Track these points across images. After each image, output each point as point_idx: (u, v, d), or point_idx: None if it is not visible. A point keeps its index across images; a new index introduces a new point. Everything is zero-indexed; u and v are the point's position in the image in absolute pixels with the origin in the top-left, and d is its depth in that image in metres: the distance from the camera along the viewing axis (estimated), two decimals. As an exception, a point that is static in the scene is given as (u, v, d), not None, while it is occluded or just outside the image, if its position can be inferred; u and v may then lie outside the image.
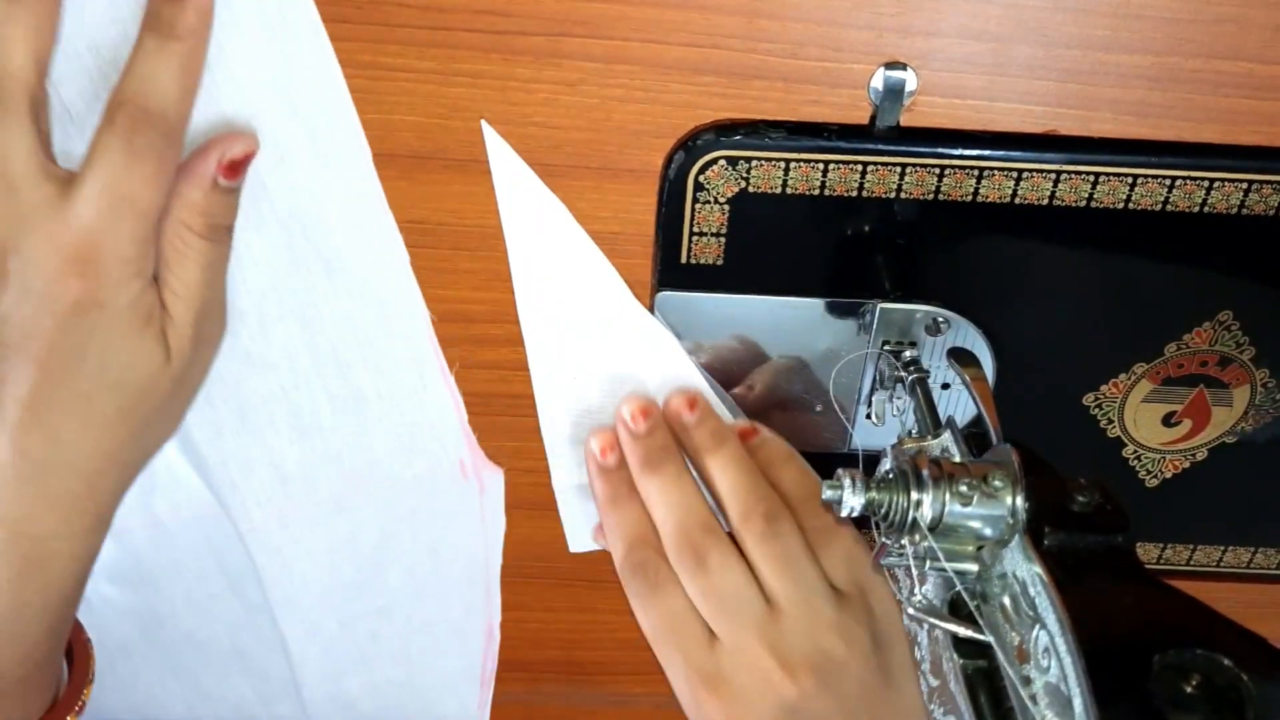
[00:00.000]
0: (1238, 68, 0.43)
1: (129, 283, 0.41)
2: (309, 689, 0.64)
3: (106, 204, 0.40)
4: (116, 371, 0.42)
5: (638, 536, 0.48)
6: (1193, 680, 0.31)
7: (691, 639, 0.46)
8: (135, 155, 0.40)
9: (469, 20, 0.42)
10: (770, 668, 0.45)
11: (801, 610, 0.46)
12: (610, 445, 0.50)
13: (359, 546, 0.58)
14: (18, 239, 0.39)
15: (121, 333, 0.41)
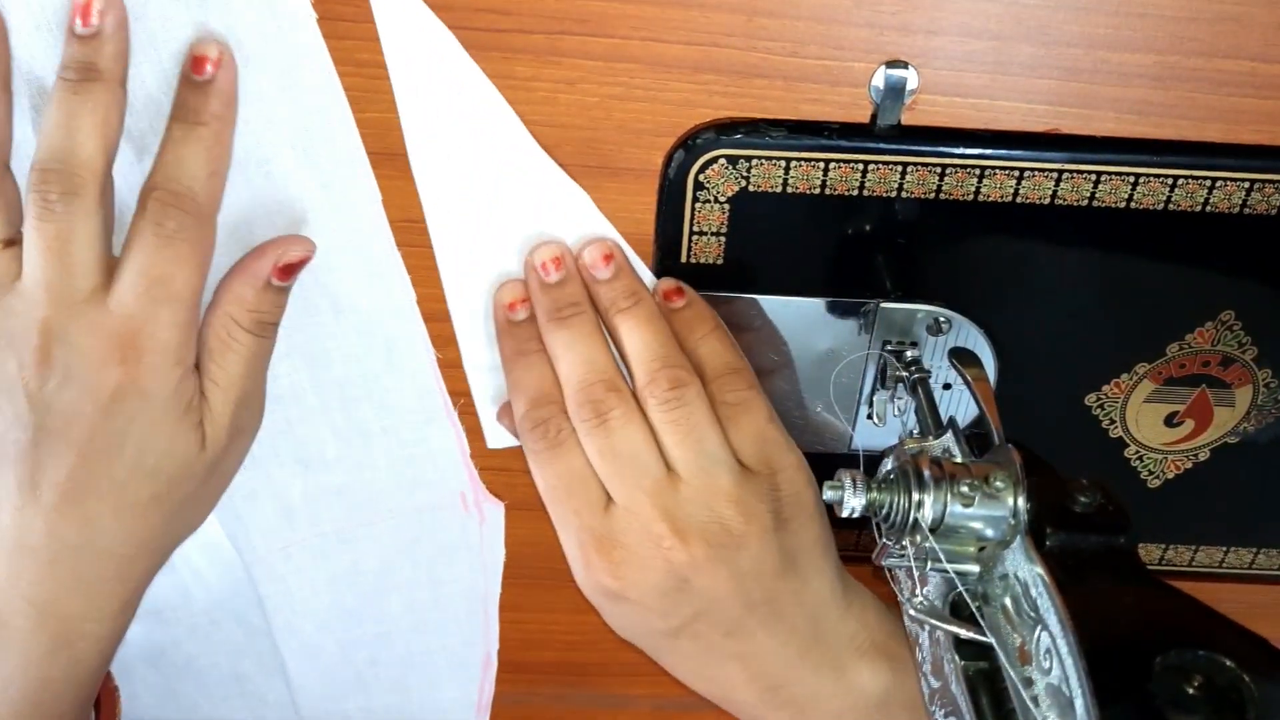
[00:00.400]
0: (1240, 66, 0.43)
1: (169, 370, 0.42)
2: (307, 711, 0.64)
3: (143, 288, 0.41)
4: (153, 459, 0.43)
5: (540, 393, 0.47)
6: (1194, 681, 0.31)
7: (585, 500, 0.45)
8: (166, 239, 0.41)
9: (468, 19, 0.42)
10: (662, 533, 0.44)
11: (700, 480, 0.45)
12: (520, 298, 0.48)
13: (360, 576, 0.58)
14: (65, 327, 0.41)
15: (160, 421, 0.43)
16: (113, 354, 0.41)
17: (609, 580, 0.45)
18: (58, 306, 0.41)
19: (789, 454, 0.46)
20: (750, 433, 0.46)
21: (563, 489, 0.46)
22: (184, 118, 0.42)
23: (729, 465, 0.45)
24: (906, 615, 0.41)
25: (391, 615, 0.60)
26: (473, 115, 0.45)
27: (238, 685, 0.64)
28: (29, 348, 0.41)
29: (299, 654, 0.61)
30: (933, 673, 0.41)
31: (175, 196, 0.41)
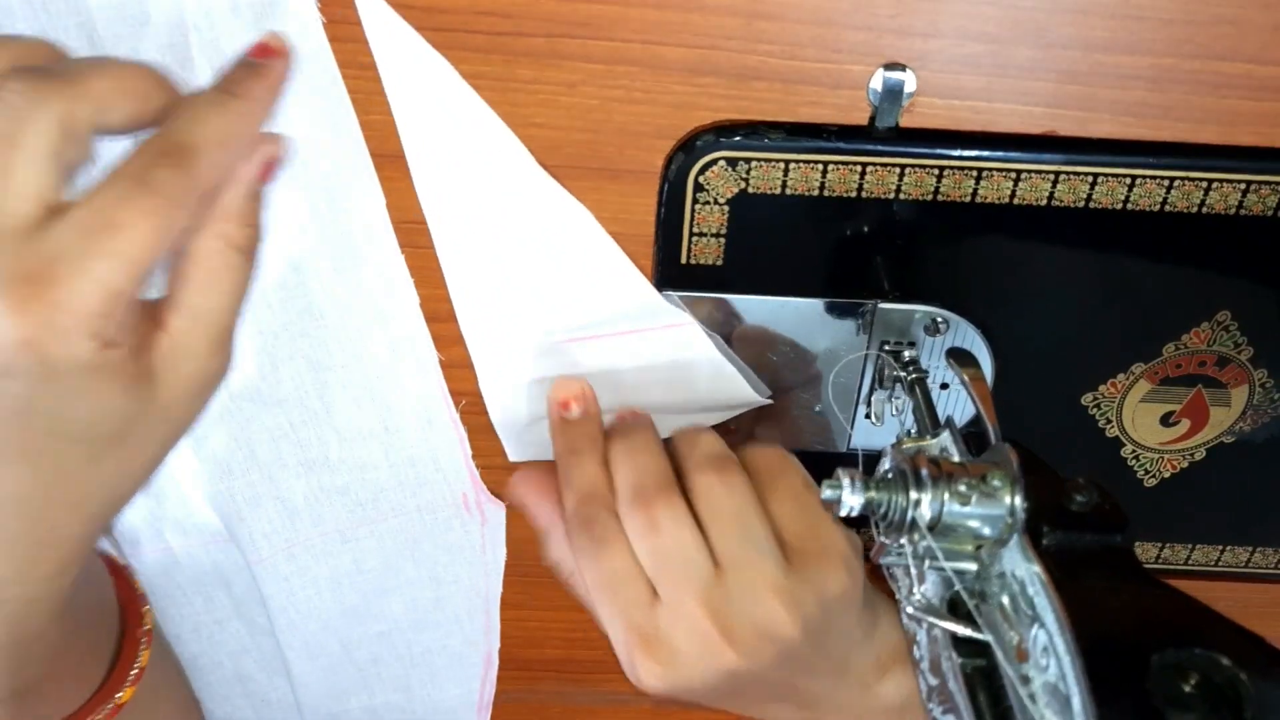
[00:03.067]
0: (1236, 68, 0.43)
1: (79, 342, 0.34)
2: (310, 710, 0.64)
3: (88, 229, 0.33)
4: (71, 426, 0.36)
5: (590, 491, 0.47)
6: (1191, 679, 0.31)
7: (631, 597, 0.45)
8: (141, 186, 0.34)
9: (469, 21, 0.42)
10: (709, 632, 0.44)
11: (746, 573, 0.44)
12: (573, 395, 0.49)
13: (362, 576, 0.59)
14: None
15: (74, 391, 0.35)
16: (18, 301, 0.32)
17: (656, 680, 0.45)
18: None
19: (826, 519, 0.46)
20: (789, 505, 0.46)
21: (609, 586, 0.45)
22: (219, 87, 0.37)
23: (774, 554, 0.45)
24: (904, 613, 0.42)
25: (393, 614, 0.61)
26: (462, 124, 0.45)
27: (240, 685, 0.64)
28: None
29: (302, 653, 0.61)
30: (930, 670, 0.41)
31: (174, 146, 0.35)
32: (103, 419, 0.36)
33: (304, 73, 0.43)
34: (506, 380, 0.52)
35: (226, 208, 0.38)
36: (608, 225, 0.48)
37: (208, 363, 0.38)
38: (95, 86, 0.35)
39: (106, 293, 0.33)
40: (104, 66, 0.35)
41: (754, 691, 0.46)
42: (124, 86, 0.35)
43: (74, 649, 0.46)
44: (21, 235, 0.33)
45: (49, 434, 0.36)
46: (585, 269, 0.48)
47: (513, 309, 0.49)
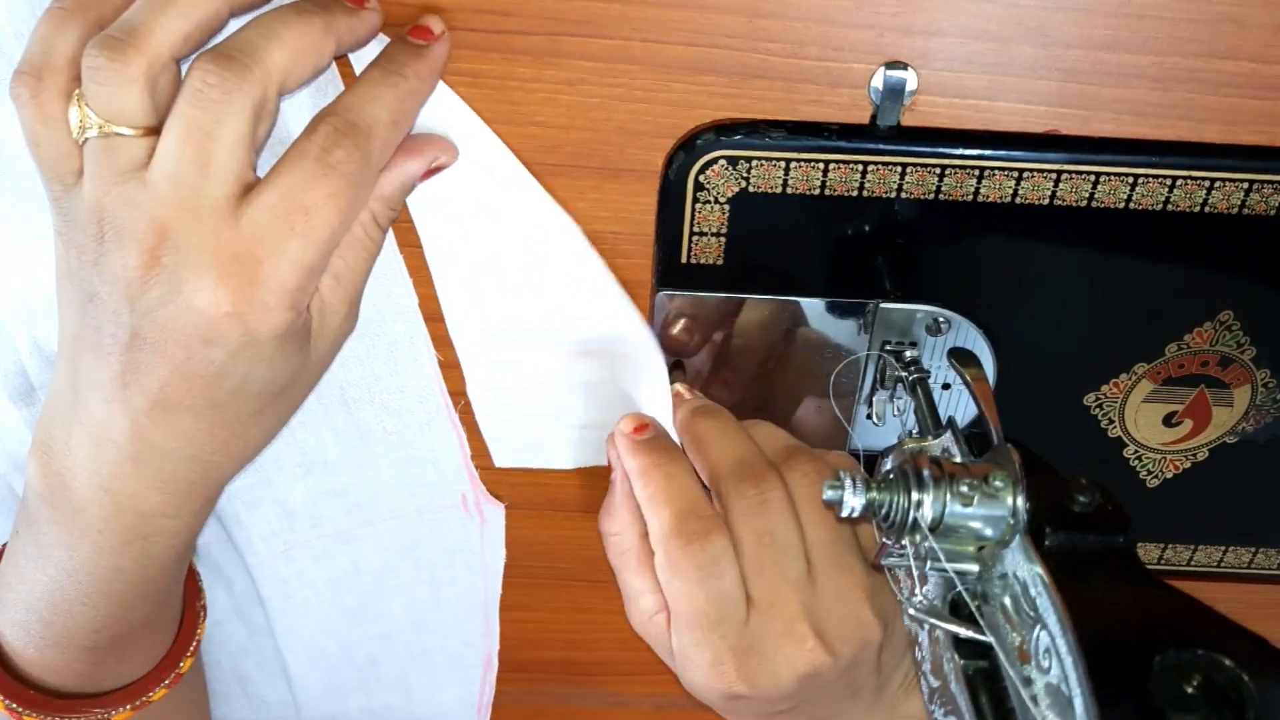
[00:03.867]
0: (1239, 67, 0.43)
1: (280, 313, 0.38)
2: (309, 711, 0.64)
3: (283, 213, 0.37)
4: (256, 385, 0.40)
5: (690, 506, 0.45)
6: (1193, 680, 0.31)
7: (734, 620, 0.44)
8: (327, 168, 0.37)
9: (469, 20, 0.42)
10: (805, 634, 0.43)
11: (839, 575, 0.44)
12: (644, 422, 0.48)
13: (361, 577, 0.59)
14: (183, 232, 0.37)
15: (266, 355, 0.39)
16: (226, 279, 0.37)
17: (739, 688, 0.44)
18: (181, 207, 0.36)
19: None
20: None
21: (714, 614, 0.44)
22: (386, 66, 0.39)
23: (860, 554, 0.45)
24: (906, 615, 0.41)
25: (392, 616, 0.60)
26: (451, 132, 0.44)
27: (239, 685, 0.64)
28: (140, 245, 0.37)
29: (300, 654, 0.61)
30: (932, 672, 0.41)
31: (351, 127, 0.38)
32: (277, 377, 0.41)
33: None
34: (493, 384, 0.52)
35: (382, 188, 0.41)
36: (608, 224, 0.47)
37: (345, 322, 0.43)
38: (278, 62, 0.37)
39: (302, 270, 0.38)
40: (279, 36, 0.37)
41: (809, 709, 0.46)
42: (300, 53, 0.38)
43: (165, 606, 0.47)
44: (224, 217, 0.37)
45: (232, 392, 0.40)
46: (568, 282, 0.48)
47: (499, 315, 0.49)
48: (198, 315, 0.37)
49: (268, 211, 0.37)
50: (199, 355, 0.38)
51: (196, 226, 0.37)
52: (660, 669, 0.48)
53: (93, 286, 0.38)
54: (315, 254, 0.38)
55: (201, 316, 0.37)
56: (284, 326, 0.39)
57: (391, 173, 0.41)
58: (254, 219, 0.37)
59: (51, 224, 0.40)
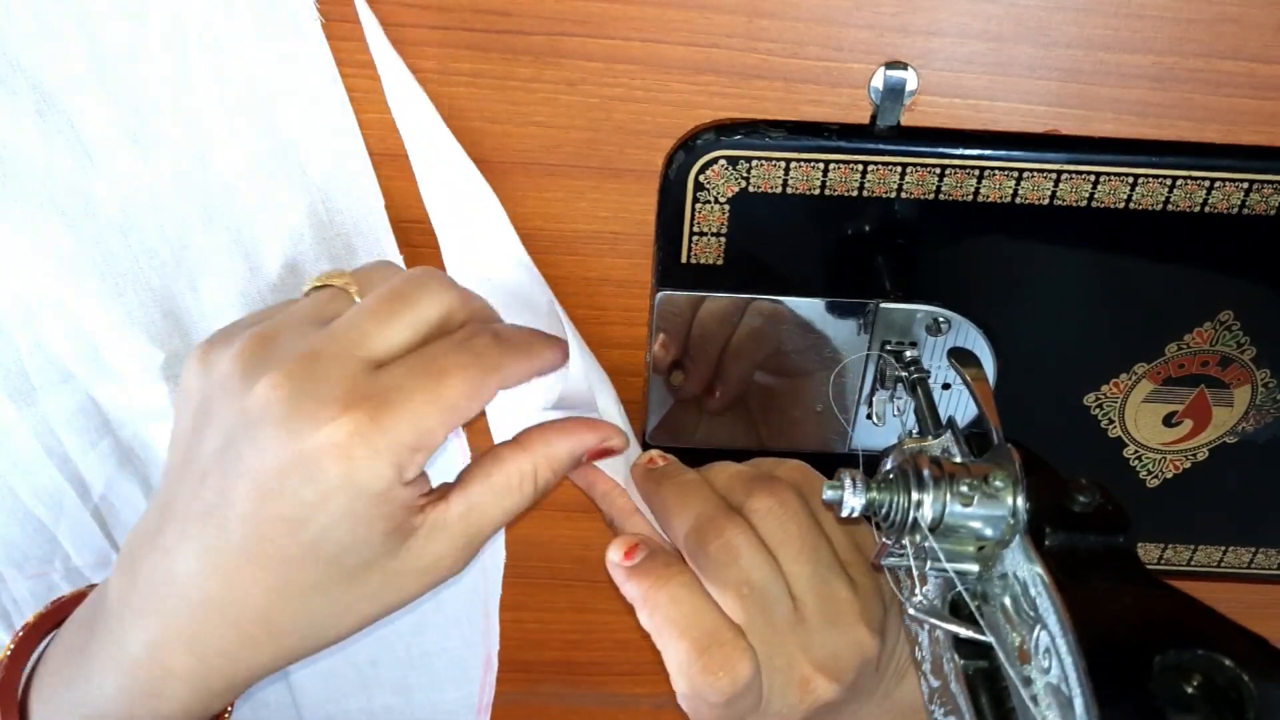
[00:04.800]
0: (1239, 67, 0.43)
1: (386, 469, 0.37)
2: (309, 713, 0.64)
3: (418, 373, 0.38)
4: (329, 545, 0.38)
5: (703, 633, 0.43)
6: (1194, 681, 0.31)
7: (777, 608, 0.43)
8: (466, 348, 0.40)
9: (469, 20, 0.42)
10: (807, 675, 0.43)
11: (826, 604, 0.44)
12: (634, 544, 0.46)
13: None
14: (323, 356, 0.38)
15: (351, 512, 0.38)
16: (347, 412, 0.37)
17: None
18: (330, 340, 0.38)
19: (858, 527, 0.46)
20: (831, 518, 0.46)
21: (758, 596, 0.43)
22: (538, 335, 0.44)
23: (841, 573, 0.45)
24: (906, 615, 0.41)
25: (392, 617, 0.60)
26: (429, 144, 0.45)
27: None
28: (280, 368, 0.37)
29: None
30: (932, 672, 0.41)
31: (489, 325, 0.42)
32: (355, 550, 0.39)
33: (302, 72, 0.43)
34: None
35: (553, 448, 0.43)
36: (607, 224, 0.48)
37: (451, 554, 0.41)
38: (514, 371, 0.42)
39: (422, 428, 0.38)
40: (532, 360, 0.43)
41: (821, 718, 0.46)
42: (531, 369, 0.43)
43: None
44: (368, 367, 0.38)
45: (307, 547, 0.38)
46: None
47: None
48: (304, 442, 0.37)
49: (405, 367, 0.39)
50: (291, 491, 0.37)
51: (335, 354, 0.38)
52: (660, 669, 0.48)
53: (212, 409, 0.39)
54: (437, 418, 0.38)
55: (309, 445, 0.37)
56: (384, 483, 0.38)
57: (566, 438, 0.44)
58: (392, 371, 0.38)
59: (50, 225, 0.40)
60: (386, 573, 0.40)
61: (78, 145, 0.43)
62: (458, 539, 0.41)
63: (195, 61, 0.42)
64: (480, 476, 0.42)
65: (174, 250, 0.46)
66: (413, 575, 0.41)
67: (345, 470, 0.37)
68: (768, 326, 0.50)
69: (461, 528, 0.41)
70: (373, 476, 0.37)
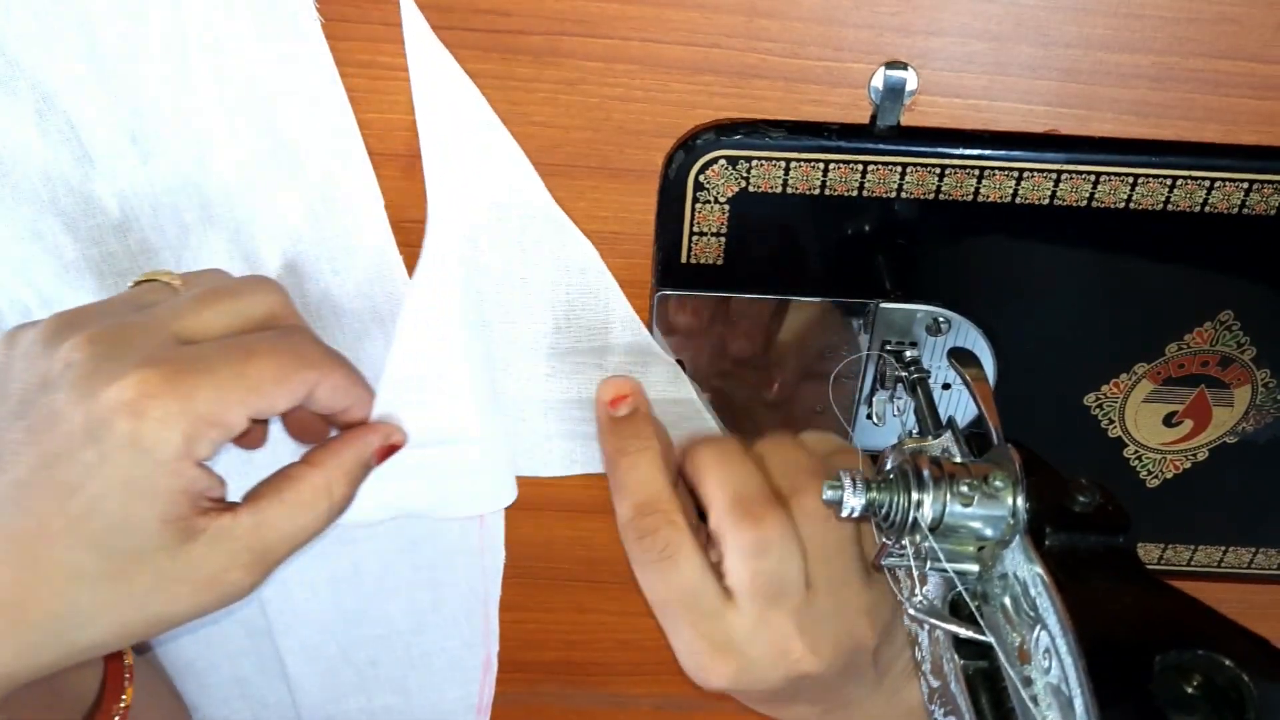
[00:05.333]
0: (1238, 67, 0.43)
1: (172, 430, 0.35)
2: (308, 713, 0.64)
3: (227, 348, 0.37)
4: (99, 518, 0.36)
5: (646, 499, 0.44)
6: (1194, 681, 0.31)
7: (703, 609, 0.43)
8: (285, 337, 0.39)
9: (468, 19, 0.42)
10: (798, 651, 0.43)
11: (837, 593, 0.44)
12: (622, 394, 0.47)
13: (361, 578, 0.58)
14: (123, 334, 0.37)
15: (130, 483, 0.36)
16: (143, 368, 0.35)
17: (726, 683, 0.44)
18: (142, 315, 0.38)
19: None
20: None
21: (674, 599, 0.44)
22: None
23: (860, 571, 0.45)
24: (906, 615, 0.41)
25: (392, 617, 0.60)
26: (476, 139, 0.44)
27: (238, 687, 0.64)
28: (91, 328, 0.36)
29: (299, 655, 0.61)
30: (932, 672, 0.41)
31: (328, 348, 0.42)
32: (126, 531, 0.36)
33: (302, 72, 0.43)
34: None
35: (343, 459, 0.42)
36: (607, 224, 0.47)
37: (236, 570, 0.39)
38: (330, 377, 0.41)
39: (221, 401, 0.36)
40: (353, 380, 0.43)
41: (803, 701, 0.46)
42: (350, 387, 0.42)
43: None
44: (176, 340, 0.37)
45: (74, 520, 0.35)
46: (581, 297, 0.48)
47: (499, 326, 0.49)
48: (92, 400, 0.35)
49: (213, 343, 0.38)
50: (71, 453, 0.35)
51: (146, 333, 0.37)
52: (660, 669, 0.49)
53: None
54: (238, 394, 0.37)
55: (96, 404, 0.35)
56: (170, 451, 0.36)
57: (352, 447, 0.43)
58: (199, 345, 0.38)
59: (50, 225, 0.40)
60: (159, 574, 0.37)
61: (78, 145, 0.43)
62: (242, 554, 0.38)
63: (195, 61, 0.42)
64: (271, 493, 0.40)
65: (174, 250, 0.46)
66: (188, 586, 0.38)
67: (132, 429, 0.35)
68: (768, 327, 0.50)
69: (249, 542, 0.38)
70: (159, 440, 0.35)
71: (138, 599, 0.37)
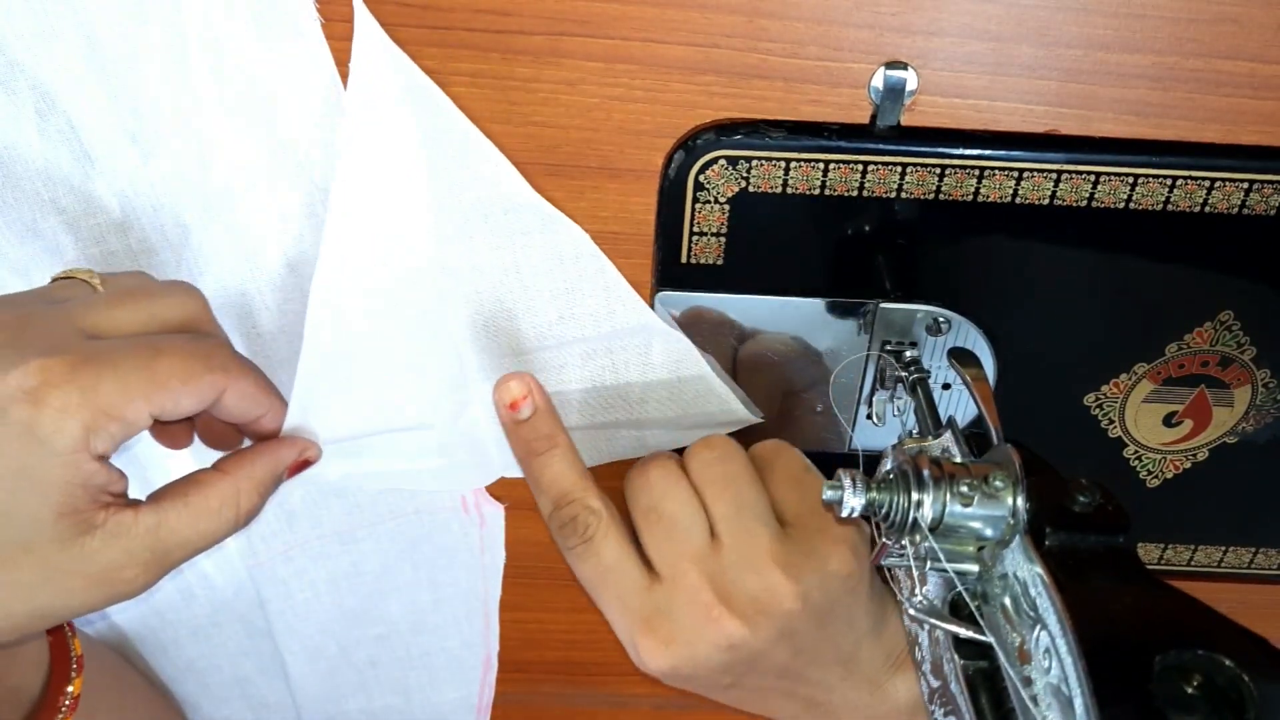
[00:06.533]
0: (1239, 67, 0.43)
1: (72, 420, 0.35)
2: (308, 713, 0.64)
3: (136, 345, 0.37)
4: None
5: (562, 491, 0.46)
6: (1194, 681, 0.31)
7: (627, 584, 0.45)
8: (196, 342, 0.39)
9: (469, 20, 0.42)
10: (710, 601, 0.44)
11: (743, 541, 0.45)
12: (520, 396, 0.48)
13: (361, 578, 0.59)
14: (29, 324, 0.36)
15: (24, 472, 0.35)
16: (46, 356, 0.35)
17: (659, 659, 0.45)
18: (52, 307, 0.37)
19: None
20: (786, 483, 0.47)
21: (600, 580, 0.45)
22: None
23: (772, 525, 0.45)
24: (906, 615, 0.41)
25: (392, 617, 0.60)
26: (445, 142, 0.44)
27: (239, 687, 0.64)
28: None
29: (300, 655, 0.61)
30: (932, 672, 0.41)
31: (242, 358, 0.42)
32: (19, 522, 0.35)
33: (302, 72, 0.43)
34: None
35: (255, 471, 0.42)
36: (607, 224, 0.47)
37: (131, 568, 0.38)
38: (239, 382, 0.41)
39: (123, 395, 0.36)
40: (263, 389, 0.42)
41: (759, 678, 0.46)
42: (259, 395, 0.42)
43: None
44: (83, 333, 0.37)
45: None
46: (579, 284, 0.48)
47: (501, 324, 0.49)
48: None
49: (121, 339, 0.37)
50: None
51: (52, 323, 0.37)
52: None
53: None
54: (142, 389, 0.36)
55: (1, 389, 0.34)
56: (70, 441, 0.35)
57: (266, 459, 0.43)
58: (107, 340, 0.37)
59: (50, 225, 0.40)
60: (49, 566, 0.36)
61: (78, 145, 0.43)
62: (140, 552, 0.38)
63: (195, 61, 0.42)
64: (176, 496, 0.39)
65: (174, 250, 0.46)
66: (80, 580, 0.37)
67: (30, 417, 0.34)
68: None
69: (147, 541, 0.38)
70: (58, 430, 0.35)
71: (24, 589, 0.36)
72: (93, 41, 0.41)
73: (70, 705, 0.47)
